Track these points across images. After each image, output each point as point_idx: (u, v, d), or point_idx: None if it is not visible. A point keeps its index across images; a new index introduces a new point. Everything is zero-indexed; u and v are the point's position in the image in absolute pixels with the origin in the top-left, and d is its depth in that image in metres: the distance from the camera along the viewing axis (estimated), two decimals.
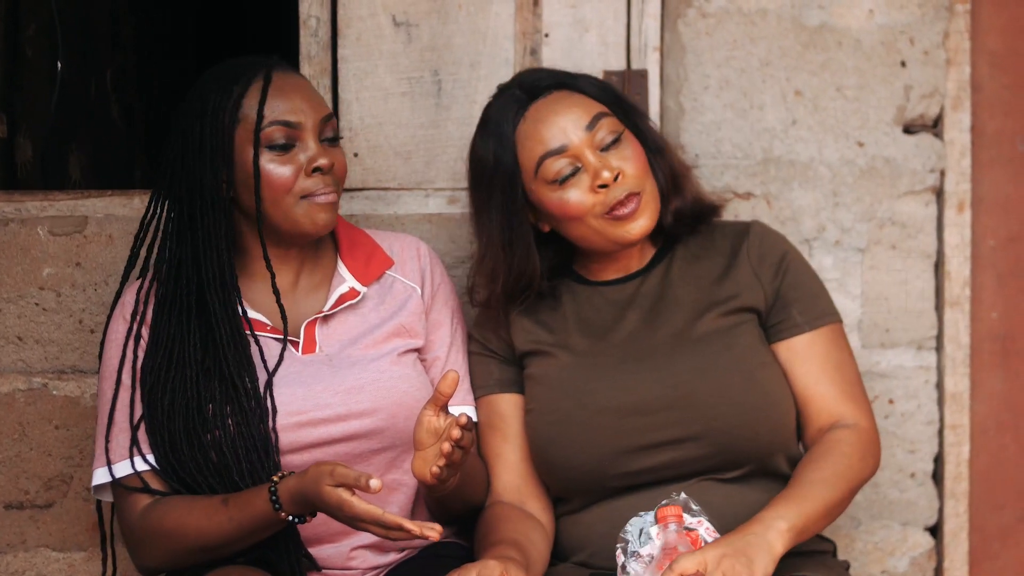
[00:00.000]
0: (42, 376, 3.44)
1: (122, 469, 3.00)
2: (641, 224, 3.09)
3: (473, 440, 2.85)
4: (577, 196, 3.07)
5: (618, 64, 3.52)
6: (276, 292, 3.03)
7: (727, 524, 2.91)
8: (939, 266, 3.61)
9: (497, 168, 3.11)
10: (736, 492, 3.04)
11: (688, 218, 3.18)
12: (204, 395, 2.97)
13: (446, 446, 2.77)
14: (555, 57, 3.50)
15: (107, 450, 3.00)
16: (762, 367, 3.08)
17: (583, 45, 3.52)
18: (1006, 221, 3.64)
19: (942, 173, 3.59)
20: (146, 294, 3.06)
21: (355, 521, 2.76)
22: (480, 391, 3.20)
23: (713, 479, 3.04)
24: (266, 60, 3.07)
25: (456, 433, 2.76)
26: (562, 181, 3.07)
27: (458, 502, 3.07)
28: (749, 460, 3.05)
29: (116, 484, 3.01)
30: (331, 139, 3.06)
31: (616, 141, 3.09)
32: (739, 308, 3.13)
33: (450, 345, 3.17)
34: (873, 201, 3.56)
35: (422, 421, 2.81)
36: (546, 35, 3.51)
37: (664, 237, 3.21)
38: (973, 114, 3.61)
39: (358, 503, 2.73)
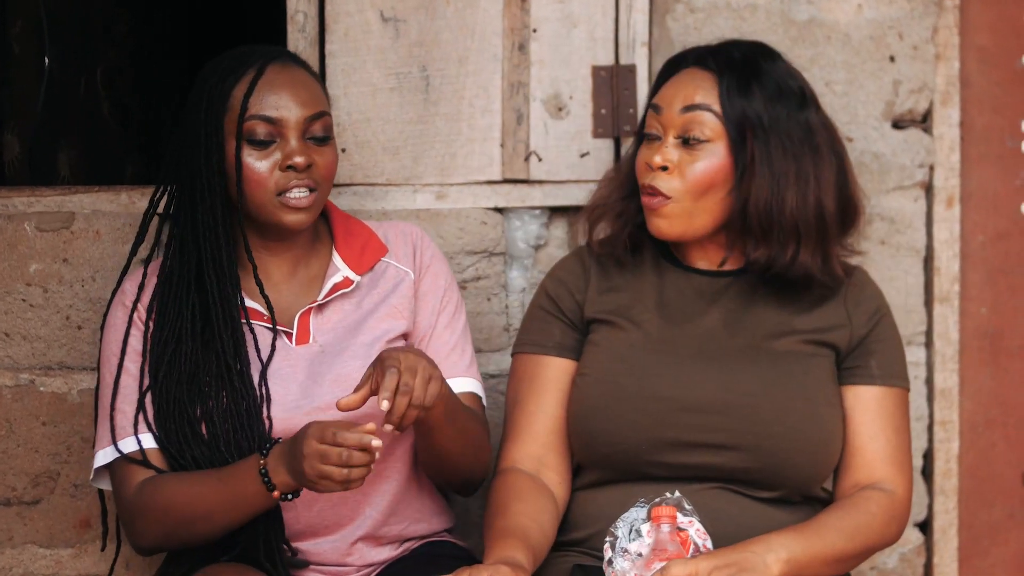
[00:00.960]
0: (29, 372, 3.43)
1: (128, 446, 3.00)
2: (656, 224, 3.08)
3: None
4: (640, 157, 3.11)
5: (606, 59, 3.52)
6: (259, 283, 3.03)
7: (737, 535, 2.90)
8: (928, 262, 3.60)
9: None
10: (754, 508, 3.03)
11: (772, 274, 3.10)
12: (201, 369, 2.98)
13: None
14: (543, 52, 3.49)
15: (112, 428, 3.00)
16: (827, 404, 3.06)
17: (571, 40, 3.51)
18: (995, 217, 3.64)
19: (931, 168, 3.59)
20: (146, 281, 3.08)
21: (334, 470, 2.73)
22: (534, 348, 3.17)
23: (738, 492, 3.03)
24: (269, 51, 3.07)
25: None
26: (647, 136, 3.10)
27: (451, 446, 3.03)
28: (783, 486, 3.04)
29: (115, 460, 3.01)
30: (319, 138, 3.03)
31: (699, 142, 3.05)
32: (822, 342, 3.09)
33: (433, 327, 3.14)
34: (862, 196, 3.55)
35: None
36: (534, 30, 3.50)
37: None
38: (962, 109, 3.61)
39: (334, 449, 2.73)
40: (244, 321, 3.02)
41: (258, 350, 3.02)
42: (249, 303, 3.05)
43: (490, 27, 3.50)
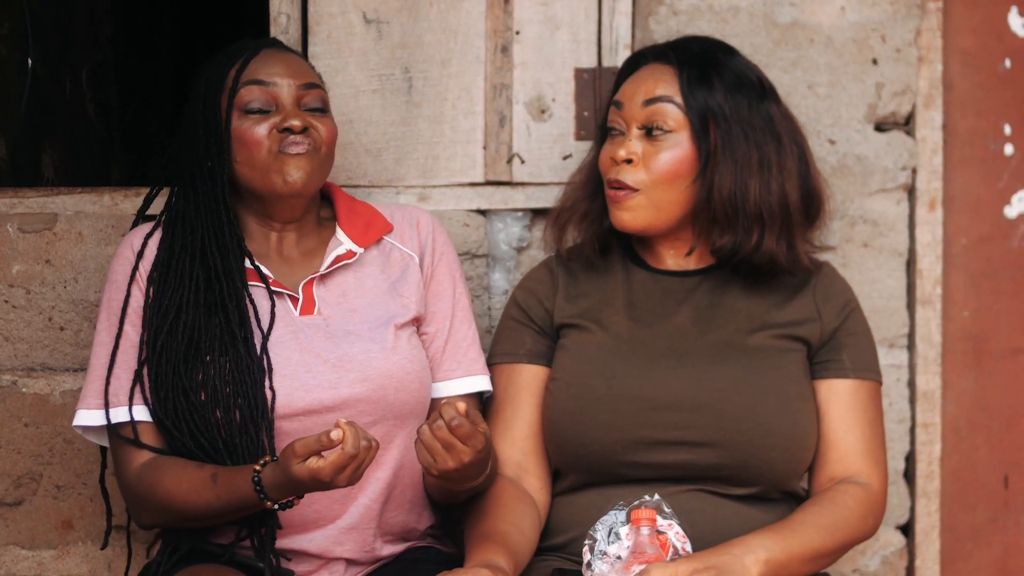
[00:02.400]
0: (11, 374, 3.42)
1: (119, 415, 3.01)
2: (620, 217, 3.10)
3: (475, 433, 2.80)
4: (604, 153, 3.13)
5: (589, 62, 3.52)
6: (249, 254, 3.06)
7: (716, 537, 2.91)
8: (911, 264, 3.61)
9: None
10: (730, 507, 3.03)
11: (739, 260, 3.13)
12: (203, 335, 2.99)
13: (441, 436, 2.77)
14: (526, 55, 3.49)
15: (106, 393, 3.02)
16: (800, 397, 3.07)
17: (554, 42, 3.51)
18: (977, 220, 3.64)
19: (914, 171, 3.59)
20: (150, 239, 3.10)
21: (336, 479, 2.73)
22: (506, 358, 3.19)
23: (715, 493, 3.03)
24: (263, 40, 3.15)
25: (449, 417, 2.76)
26: (610, 131, 3.13)
27: (474, 493, 3.05)
28: (757, 482, 3.04)
29: (112, 433, 3.03)
30: (316, 109, 3.09)
31: (663, 132, 3.08)
32: (793, 336, 3.11)
33: (451, 318, 3.17)
34: (844, 199, 3.56)
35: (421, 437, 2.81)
36: (517, 32, 3.50)
37: None
38: (945, 112, 3.62)
39: (325, 463, 2.71)
40: (251, 284, 3.05)
41: (258, 319, 3.03)
42: (252, 267, 3.08)
43: (473, 29, 3.50)
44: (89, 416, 3.04)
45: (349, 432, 2.70)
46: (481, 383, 3.17)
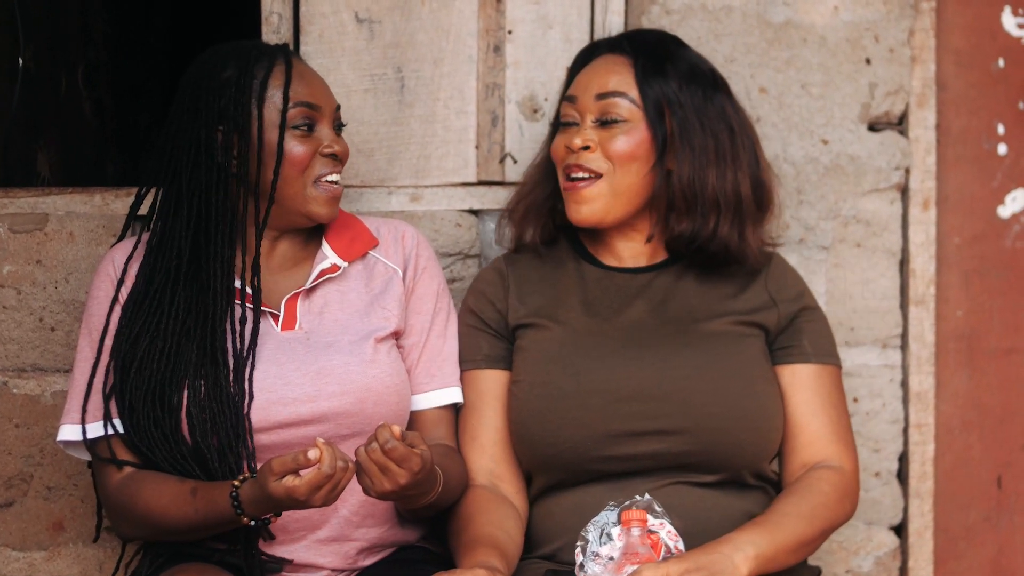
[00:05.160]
0: (2, 374, 3.41)
1: (95, 431, 3.02)
2: (577, 211, 3.12)
3: (410, 456, 2.79)
4: (558, 142, 3.15)
5: None
6: (256, 269, 3.05)
7: (695, 529, 2.92)
8: (904, 264, 3.60)
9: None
10: (707, 497, 3.04)
11: (695, 248, 3.15)
12: (181, 365, 2.98)
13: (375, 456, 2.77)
14: (518, 54, 3.49)
15: (84, 410, 3.02)
16: (763, 380, 3.09)
17: (547, 42, 3.50)
18: (971, 219, 3.63)
19: (907, 171, 3.59)
20: (130, 259, 3.09)
21: (311, 498, 2.73)
22: (466, 365, 3.19)
23: (686, 482, 3.04)
24: (276, 46, 3.14)
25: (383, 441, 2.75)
26: (563, 124, 3.15)
27: (436, 510, 3.06)
28: (727, 467, 3.05)
29: (91, 448, 3.03)
30: (340, 126, 3.13)
31: (617, 122, 3.10)
32: (751, 322, 3.13)
33: (428, 332, 3.16)
34: (838, 199, 3.55)
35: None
36: (509, 32, 3.49)
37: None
38: (938, 112, 3.61)
39: (301, 482, 2.72)
40: (239, 303, 3.04)
41: (235, 330, 3.02)
42: (238, 286, 3.06)
43: (465, 28, 3.50)
44: (69, 431, 3.05)
45: (326, 452, 2.71)
46: (454, 395, 3.17)
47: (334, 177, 3.07)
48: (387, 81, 3.49)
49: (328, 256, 3.12)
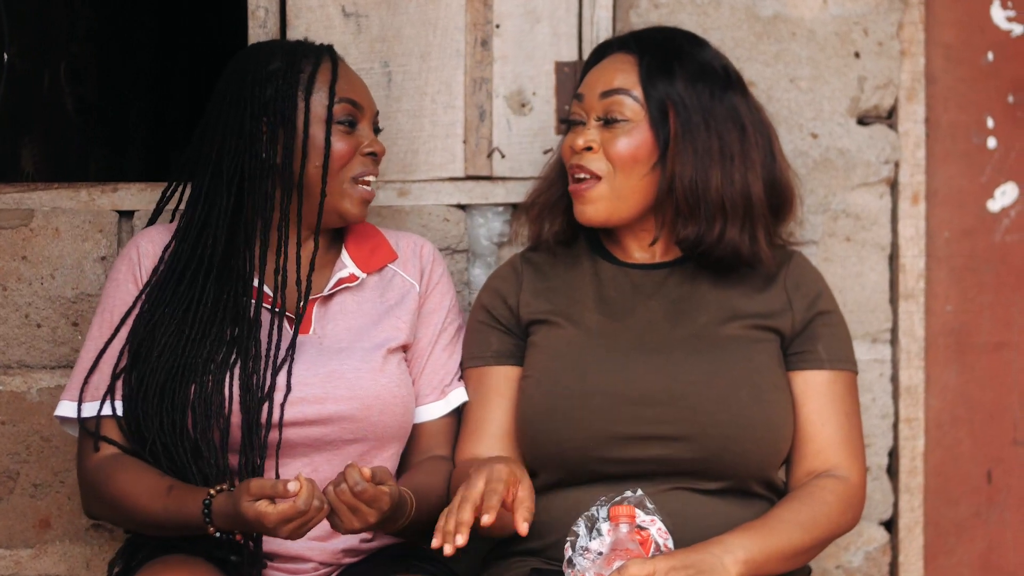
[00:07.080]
0: None
1: (90, 410, 3.03)
2: (582, 211, 3.11)
3: (379, 495, 2.78)
4: (565, 142, 3.14)
5: (570, 55, 3.50)
6: (284, 272, 3.06)
7: (696, 536, 2.89)
8: (894, 258, 3.60)
9: None
10: (710, 505, 3.02)
11: (702, 252, 3.11)
12: (202, 354, 2.99)
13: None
14: (506, 48, 3.48)
15: (83, 387, 3.04)
16: (774, 389, 3.06)
17: (535, 36, 3.49)
18: (960, 214, 3.63)
19: (896, 165, 3.59)
20: (158, 246, 3.10)
21: (279, 529, 2.74)
22: (475, 361, 3.18)
23: (689, 489, 3.02)
24: (323, 45, 3.17)
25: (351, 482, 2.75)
26: (572, 123, 3.14)
27: (412, 530, 3.04)
28: (732, 475, 3.03)
29: (81, 425, 3.04)
30: (378, 130, 3.17)
31: (619, 122, 3.09)
32: (765, 327, 3.09)
33: (432, 345, 3.17)
34: (827, 193, 3.55)
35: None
36: (497, 26, 3.48)
37: None
38: (927, 106, 3.61)
39: (273, 510, 2.72)
40: (266, 307, 3.06)
41: (257, 342, 3.02)
42: (256, 284, 3.07)
43: (452, 22, 3.49)
44: (67, 407, 3.06)
45: (306, 488, 2.71)
46: (453, 401, 3.18)
47: (371, 178, 3.10)
48: (374, 76, 3.47)
49: (347, 265, 3.15)
